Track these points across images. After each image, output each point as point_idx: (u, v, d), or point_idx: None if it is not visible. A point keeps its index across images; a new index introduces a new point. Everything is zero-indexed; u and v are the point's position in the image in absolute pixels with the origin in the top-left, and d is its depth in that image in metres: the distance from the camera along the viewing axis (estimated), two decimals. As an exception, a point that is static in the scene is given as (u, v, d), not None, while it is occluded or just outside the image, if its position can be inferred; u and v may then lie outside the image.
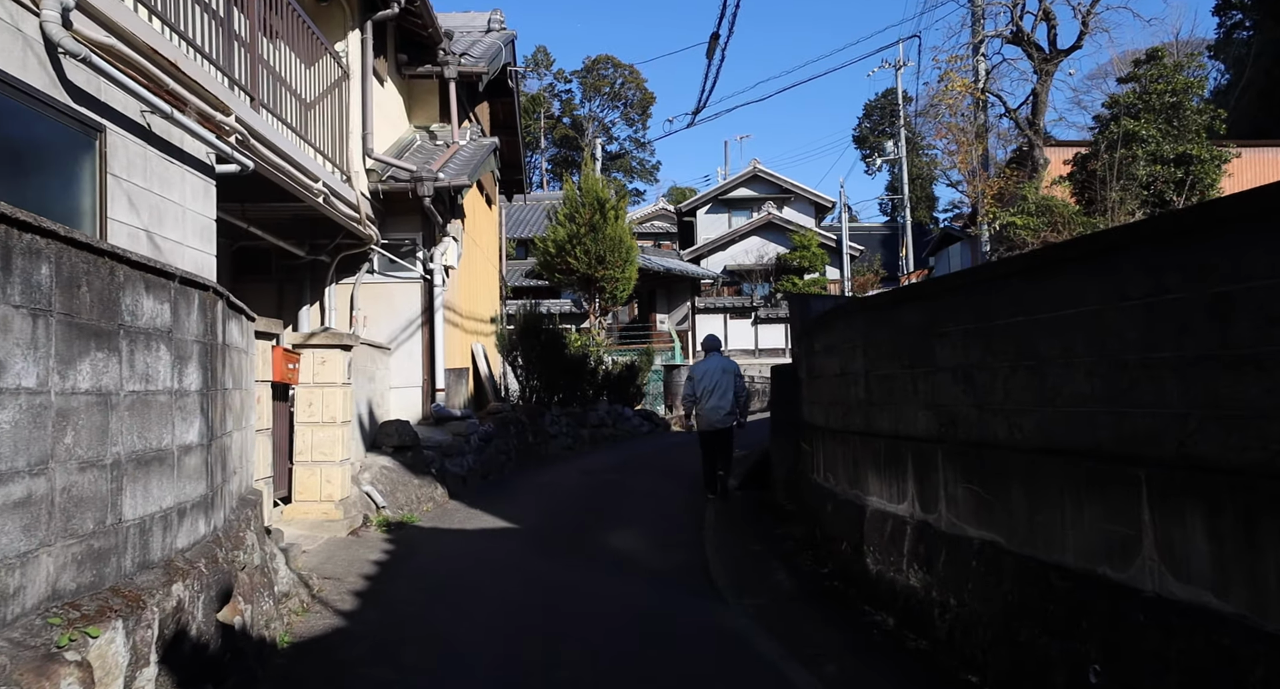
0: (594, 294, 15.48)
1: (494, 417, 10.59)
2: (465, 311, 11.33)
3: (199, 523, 3.00)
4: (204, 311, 3.11)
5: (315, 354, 6.42)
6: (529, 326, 12.26)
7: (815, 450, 6.90)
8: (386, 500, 7.02)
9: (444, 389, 9.09)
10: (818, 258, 32.92)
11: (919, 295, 4.64)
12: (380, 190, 8.40)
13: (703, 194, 40.69)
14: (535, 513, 7.65)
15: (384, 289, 9.01)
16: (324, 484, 6.35)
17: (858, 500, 5.39)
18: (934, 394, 4.33)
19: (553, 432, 11.89)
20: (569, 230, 15.01)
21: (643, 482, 9.61)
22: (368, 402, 7.78)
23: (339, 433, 6.44)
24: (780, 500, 8.56)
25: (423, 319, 9.02)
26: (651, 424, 15.01)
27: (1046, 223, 14.66)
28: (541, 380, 12.23)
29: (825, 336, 6.45)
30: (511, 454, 10.29)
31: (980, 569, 3.76)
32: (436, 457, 8.24)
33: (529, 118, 53.05)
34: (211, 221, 4.63)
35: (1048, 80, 15.75)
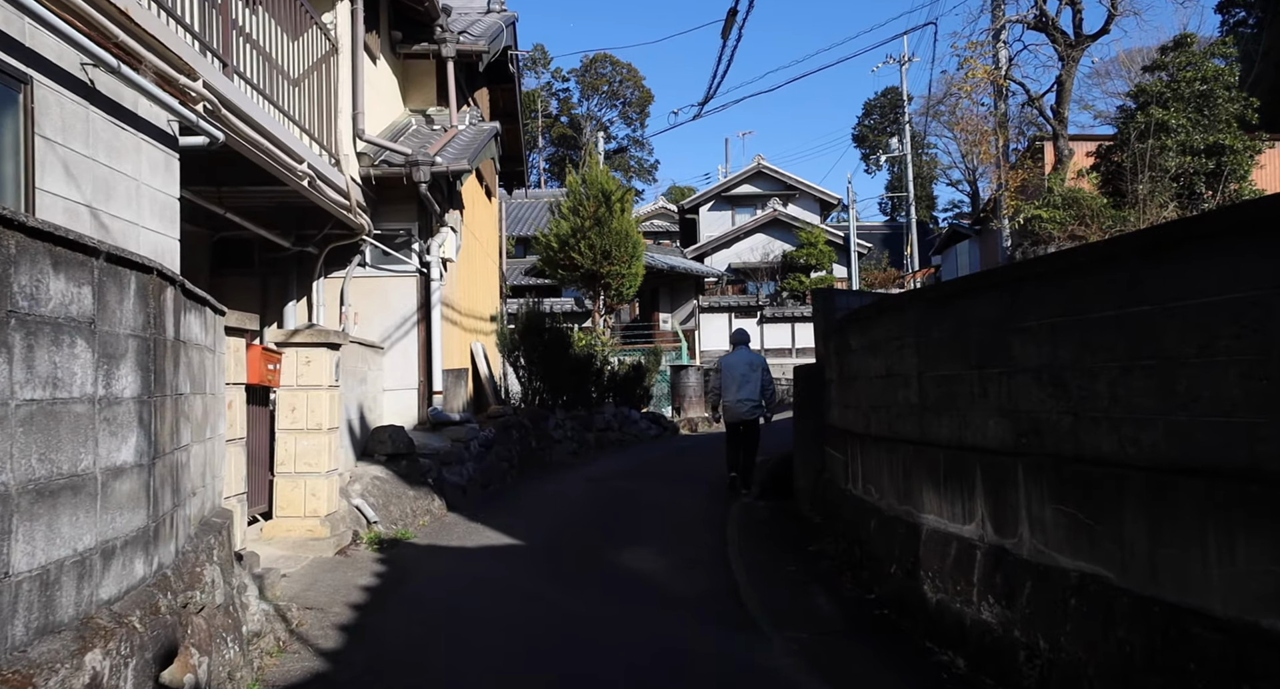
0: (599, 291, 14.91)
1: (495, 421, 10.01)
2: (464, 309, 10.75)
3: (135, 563, 2.41)
4: (145, 299, 2.53)
5: (299, 353, 5.84)
6: (531, 325, 11.70)
7: (850, 459, 6.32)
8: (379, 514, 6.44)
9: (441, 391, 8.52)
10: (825, 255, 32.35)
11: (991, 283, 4.06)
12: (372, 176, 7.82)
13: (705, 191, 40.16)
14: (542, 527, 7.07)
15: (377, 283, 8.44)
16: (308, 498, 5.77)
17: (909, 518, 4.82)
18: (1011, 399, 3.76)
19: (557, 436, 11.32)
20: (573, 224, 14.43)
21: (655, 491, 9.03)
22: (358, 405, 7.21)
23: (325, 441, 5.86)
24: (806, 512, 7.99)
25: (418, 316, 8.45)
26: (659, 427, 14.44)
27: (1074, 216, 14.09)
28: (545, 382, 11.66)
29: (864, 334, 5.88)
30: (514, 461, 9.71)
31: (1082, 609, 3.18)
32: (433, 465, 7.66)
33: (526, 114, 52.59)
34: (174, 200, 4.06)
35: (1073, 67, 15.17)
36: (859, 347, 6.05)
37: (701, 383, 16.98)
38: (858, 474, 6.09)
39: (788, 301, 32.60)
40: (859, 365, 6.06)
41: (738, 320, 31.38)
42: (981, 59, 15.33)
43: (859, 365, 6.06)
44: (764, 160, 39.87)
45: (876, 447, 5.53)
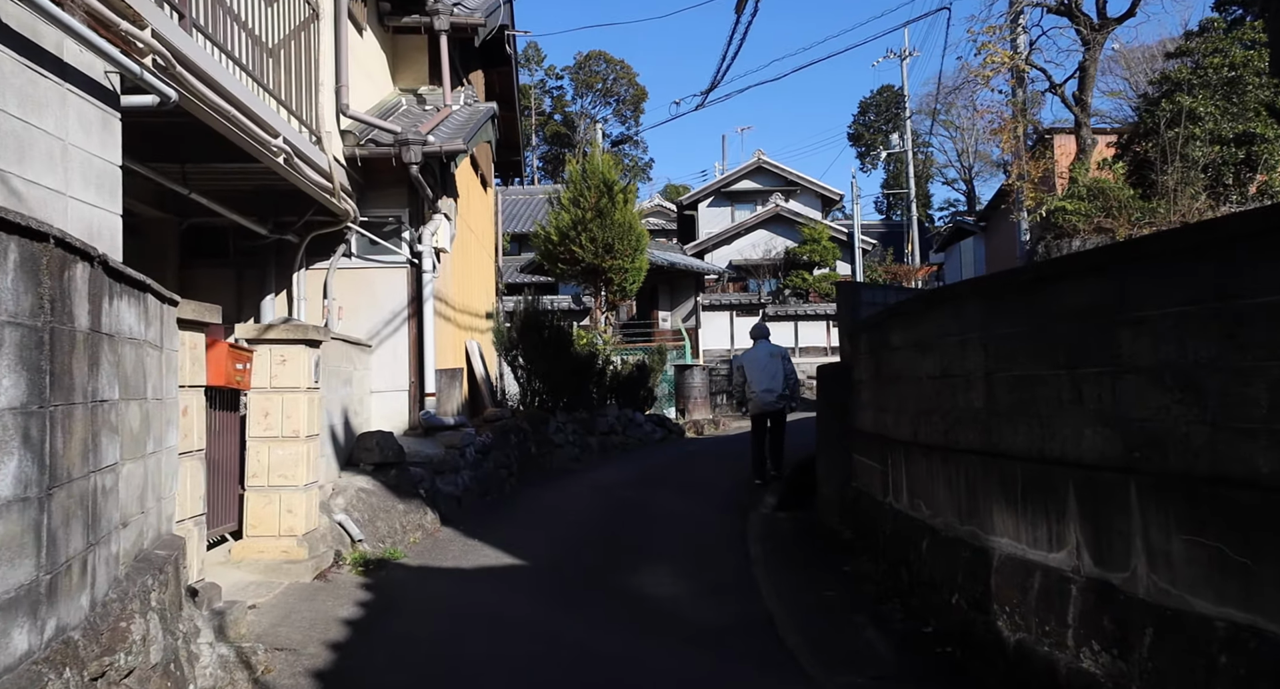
0: (600, 287, 14.28)
1: (492, 425, 9.39)
2: (459, 304, 10.13)
3: (14, 636, 1.78)
4: (34, 275, 1.90)
5: (273, 351, 5.22)
6: (531, 322, 11.08)
7: (891, 469, 5.72)
8: (364, 531, 5.82)
9: (434, 393, 7.89)
10: (828, 252, 31.76)
11: (1090, 266, 3.44)
12: (358, 156, 7.19)
13: (704, 186, 39.61)
14: (546, 544, 6.45)
15: (363, 275, 7.81)
16: (284, 515, 5.14)
17: (975, 540, 4.21)
18: (1118, 404, 3.16)
19: (558, 441, 10.70)
20: (573, 216, 13.80)
21: (666, 501, 8.42)
22: (342, 409, 6.58)
23: (303, 450, 5.23)
24: (833, 524, 7.39)
25: (409, 310, 7.82)
26: (664, 430, 13.83)
27: (1099, 207, 13.52)
28: (545, 382, 11.05)
29: (909, 330, 5.27)
30: (513, 468, 9.09)
31: (1238, 669, 2.58)
32: (426, 474, 7.04)
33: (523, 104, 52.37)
34: (113, 168, 3.43)
35: (1096, 52, 14.60)
36: (903, 344, 5.45)
37: (707, 383, 16.37)
38: (900, 486, 5.49)
39: (790, 299, 32.01)
40: (902, 365, 5.46)
41: (739, 319, 30.80)
42: (1000, 44, 14.72)
43: (902, 365, 5.46)
44: (764, 155, 39.35)
45: (927, 456, 4.92)
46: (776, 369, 8.75)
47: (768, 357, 8.82)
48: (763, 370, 8.72)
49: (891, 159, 54.86)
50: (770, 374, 8.72)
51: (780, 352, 8.95)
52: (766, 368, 8.72)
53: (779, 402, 8.79)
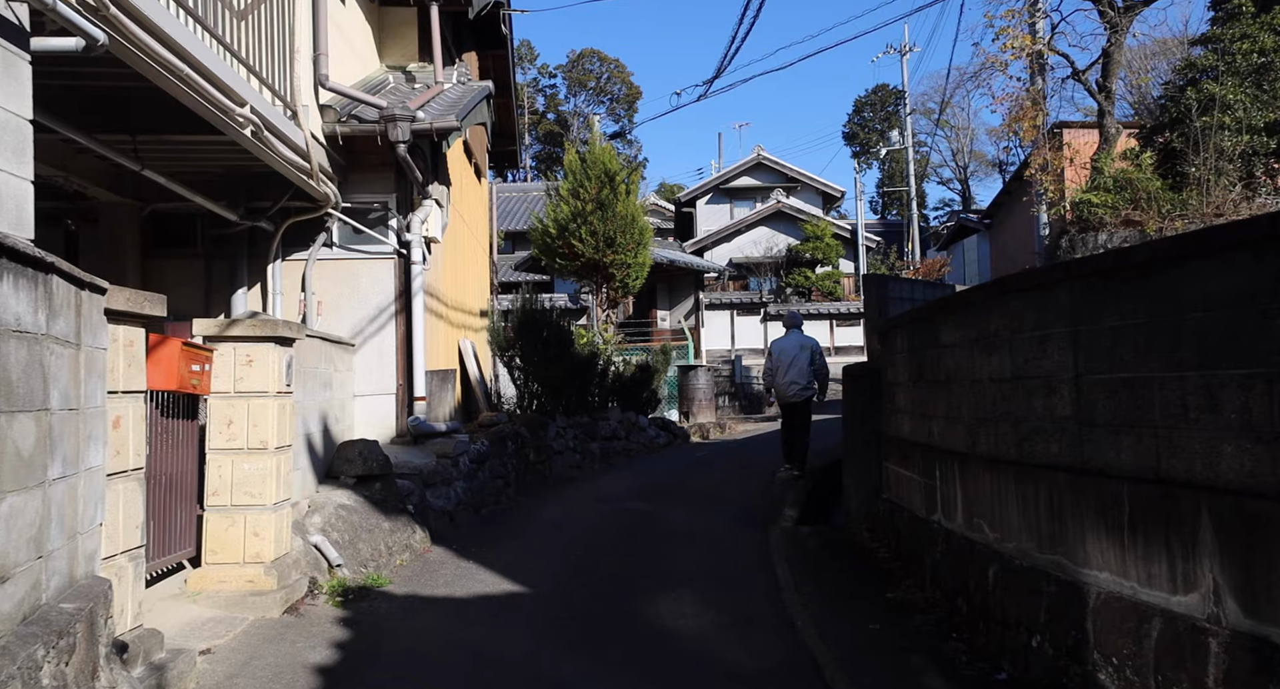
0: (601, 283, 13.64)
1: (487, 431, 8.74)
2: (451, 300, 9.48)
3: None
4: None
5: (237, 350, 4.57)
6: (529, 320, 10.43)
7: (942, 483, 5.10)
8: (344, 555, 5.17)
9: (425, 397, 7.24)
10: (832, 249, 31.17)
11: (1232, 243, 2.81)
12: (339, 133, 6.53)
13: (702, 183, 39.09)
14: (548, 565, 5.81)
15: (346, 267, 7.15)
16: (249, 538, 4.49)
17: (1062, 573, 3.59)
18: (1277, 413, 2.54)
19: (558, 447, 10.06)
20: (573, 208, 13.14)
21: (678, 514, 7.79)
22: (321, 415, 5.93)
23: (272, 464, 4.58)
24: (864, 541, 6.78)
25: (397, 306, 7.17)
26: (669, 435, 13.19)
27: (1127, 199, 12.94)
28: (544, 385, 10.40)
29: (966, 326, 4.65)
30: (510, 478, 8.45)
31: None
32: (415, 488, 6.39)
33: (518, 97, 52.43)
34: (21, 123, 2.79)
35: (1121, 36, 14.02)
36: (956, 341, 4.82)
37: (712, 385, 15.74)
38: (953, 503, 4.87)
39: (792, 298, 31.40)
40: (955, 365, 4.83)
41: (740, 318, 30.21)
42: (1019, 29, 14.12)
43: (955, 365, 4.83)
44: (764, 151, 38.85)
45: (992, 471, 4.30)
46: (804, 360, 8.77)
47: (797, 347, 8.85)
48: (791, 361, 8.80)
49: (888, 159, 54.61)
50: (797, 365, 8.77)
51: (810, 343, 8.94)
52: (795, 358, 8.78)
53: (804, 392, 8.84)
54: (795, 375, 8.81)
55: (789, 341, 9.04)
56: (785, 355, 8.88)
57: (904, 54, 44.49)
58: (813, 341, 9.08)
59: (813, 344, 9.01)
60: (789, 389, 8.84)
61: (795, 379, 8.82)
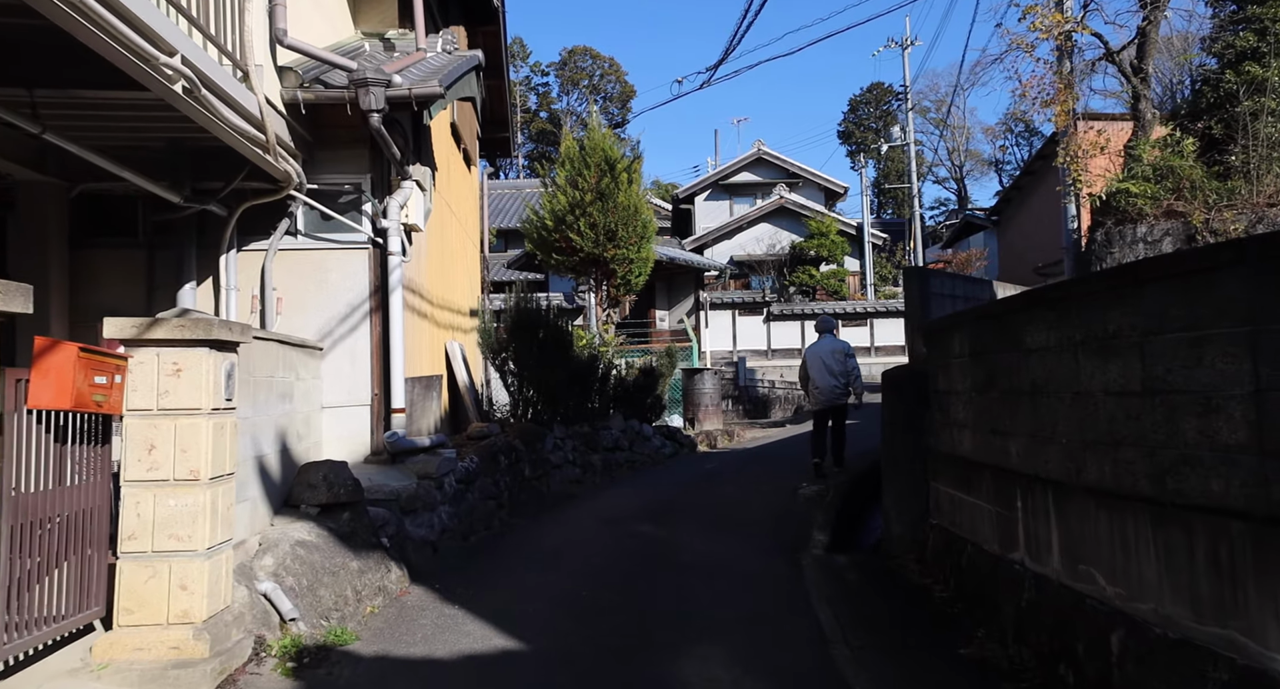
0: (601, 280, 12.75)
1: (477, 444, 7.87)
2: (437, 297, 8.61)
3: None
4: None
5: (161, 358, 3.69)
6: (523, 320, 9.56)
7: (1026, 517, 4.25)
8: (301, 604, 4.29)
9: (404, 408, 6.36)
10: (837, 246, 30.36)
11: None
12: (301, 101, 5.65)
13: (701, 179, 38.36)
14: (549, 610, 4.94)
15: (313, 259, 6.27)
16: (175, 593, 3.61)
17: (1241, 655, 2.73)
18: None
19: (556, 460, 9.19)
20: (570, 198, 12.24)
21: (694, 539, 6.93)
22: (278, 433, 5.05)
23: (205, 498, 3.71)
24: (911, 574, 5.93)
25: (372, 303, 6.29)
26: (675, 444, 12.33)
27: (1169, 189, 12.14)
28: (539, 391, 9.53)
29: (1064, 323, 3.80)
30: (503, 498, 7.58)
31: None
32: (391, 516, 5.51)
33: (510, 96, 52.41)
34: None
35: (1158, 14, 13.23)
36: (1049, 344, 3.97)
37: (719, 389, 14.88)
38: (1046, 543, 4.02)
39: (795, 297, 30.57)
40: (1046, 372, 3.99)
41: (742, 318, 29.40)
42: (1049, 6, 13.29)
43: (1046, 372, 3.99)
44: (764, 146, 38.15)
45: (1110, 508, 3.45)
46: (839, 364, 8.89)
47: (830, 352, 8.96)
48: (825, 365, 8.90)
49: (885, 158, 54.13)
50: (832, 369, 8.89)
51: (844, 347, 9.05)
52: (829, 363, 8.89)
53: (840, 396, 8.95)
54: (832, 379, 8.90)
55: (823, 346, 9.10)
56: (820, 360, 8.95)
57: (905, 48, 43.83)
58: (846, 346, 9.15)
59: (846, 348, 9.09)
60: (826, 393, 8.92)
61: (833, 383, 8.91)
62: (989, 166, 63.75)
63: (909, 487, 6.63)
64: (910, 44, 44.48)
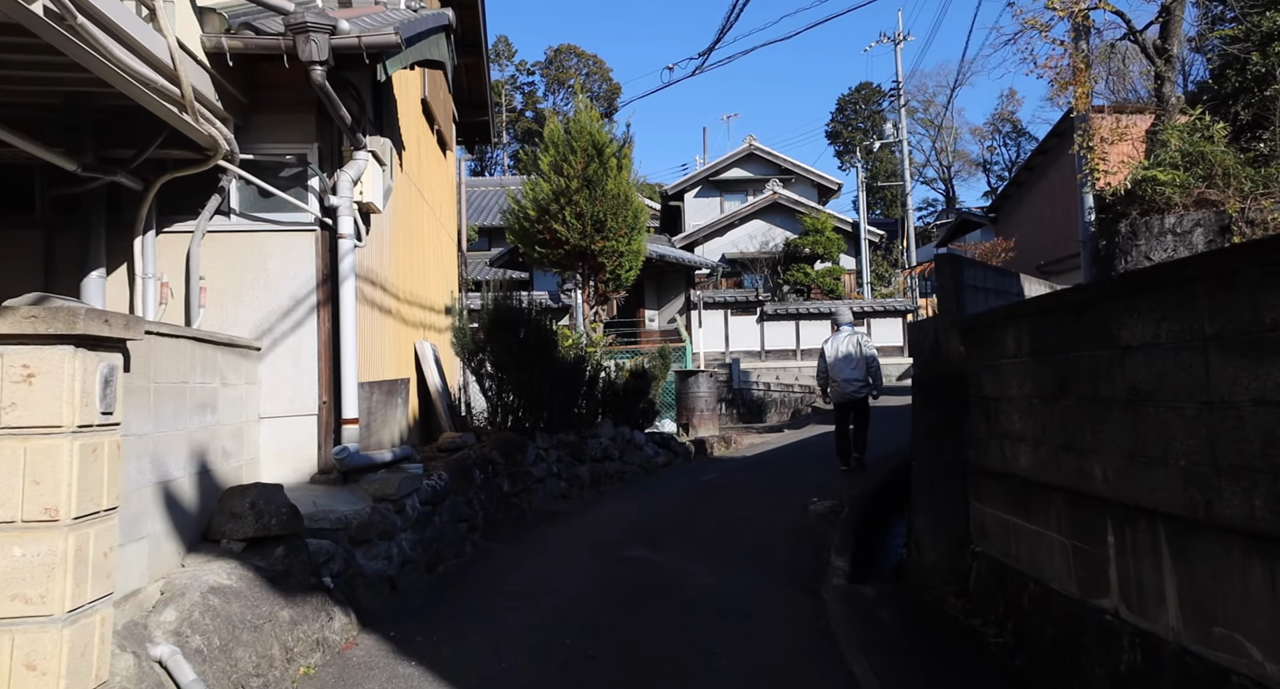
0: (588, 275, 11.88)
1: (449, 457, 7.00)
2: (404, 291, 7.73)
3: None
4: None
5: (5, 359, 2.81)
6: (503, 318, 8.69)
7: (1119, 554, 3.42)
8: (210, 670, 3.41)
9: (359, 418, 5.47)
10: (833, 243, 29.60)
11: None
12: (229, 49, 4.75)
13: (690, 175, 37.64)
14: (525, 666, 4.08)
15: (250, 243, 5.39)
16: (18, 676, 2.73)
17: None
18: None
19: (538, 473, 8.32)
20: (555, 186, 11.35)
21: (697, 567, 6.09)
22: (196, 452, 4.16)
23: (66, 543, 2.82)
24: (955, 610, 5.11)
25: (320, 295, 5.41)
26: (668, 453, 11.47)
27: (1199, 176, 11.42)
28: (521, 396, 8.67)
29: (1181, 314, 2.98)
30: (477, 520, 6.71)
31: None
32: (337, 549, 4.64)
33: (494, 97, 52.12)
34: None
35: (1184, -8, 12.53)
36: (1154, 340, 3.15)
37: (714, 392, 14.04)
38: (1158, 592, 3.18)
39: (789, 296, 29.80)
40: (1150, 377, 3.17)
41: (735, 318, 28.61)
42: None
43: (1150, 377, 3.17)
44: (756, 141, 37.48)
45: (1269, 557, 2.62)
46: (859, 357, 8.99)
47: (850, 345, 9.06)
48: (845, 359, 9.00)
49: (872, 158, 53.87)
50: (853, 363, 8.98)
51: (863, 340, 9.17)
52: (849, 356, 8.99)
53: (861, 390, 9.03)
54: (852, 373, 8.98)
55: (841, 340, 9.17)
56: (840, 354, 9.01)
57: (898, 43, 43.30)
58: (865, 338, 9.24)
59: (865, 340, 9.19)
60: (847, 387, 8.98)
61: (853, 377, 8.98)
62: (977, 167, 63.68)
63: (945, 507, 5.82)
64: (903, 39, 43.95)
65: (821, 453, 11.82)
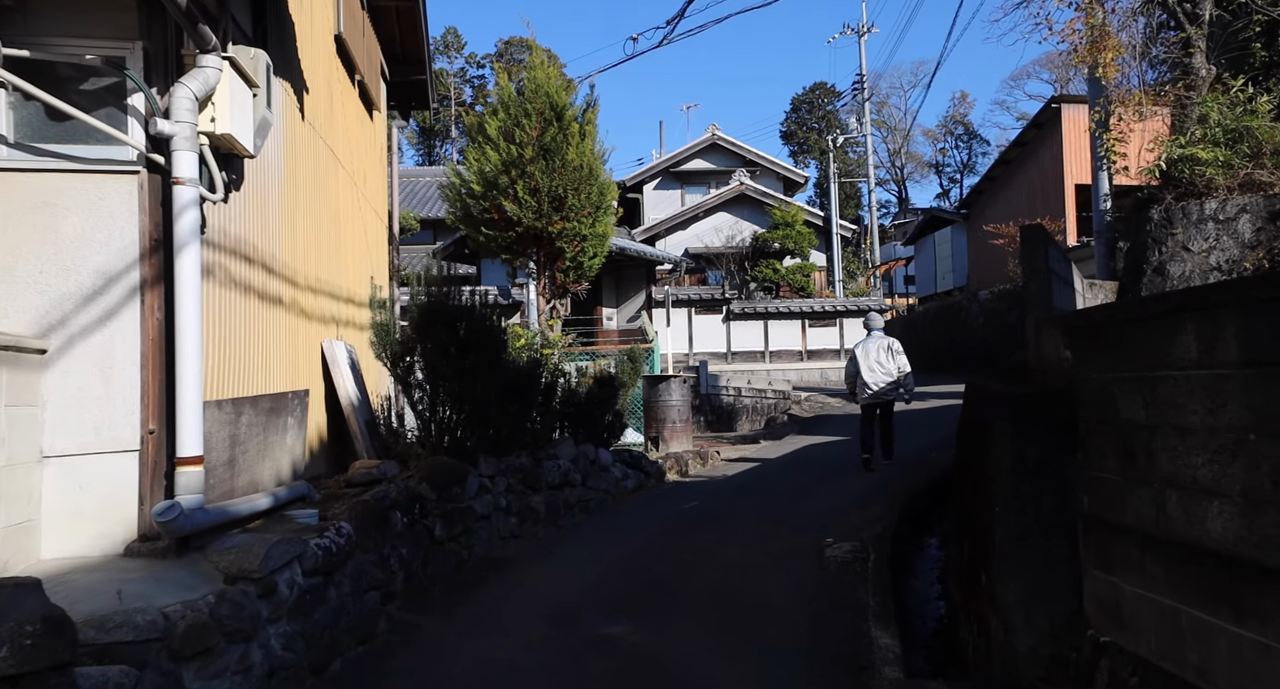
0: (545, 263, 10.17)
1: (359, 494, 5.28)
2: (305, 275, 5.98)
3: None
4: None
5: None
6: (437, 314, 6.96)
7: None
8: None
9: (202, 456, 3.72)
10: (804, 238, 28.22)
11: None
12: None
13: (650, 166, 36.08)
14: None
15: (29, 188, 3.61)
16: None
17: None
18: None
19: (481, 510, 6.62)
20: (505, 155, 9.59)
21: (694, 651, 4.46)
22: None
23: None
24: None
25: (146, 271, 3.65)
26: (639, 473, 9.84)
27: (1247, 153, 10.19)
28: (461, 410, 6.96)
29: None
30: (395, 583, 5.00)
31: None
32: (144, 677, 2.90)
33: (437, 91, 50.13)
34: None
35: (1217, -50, 11.33)
36: None
37: (687, 400, 12.44)
38: None
39: (757, 293, 28.37)
40: None
41: (699, 316, 27.10)
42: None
43: None
44: (719, 130, 36.10)
45: None
46: (889, 360, 9.44)
47: (880, 348, 9.46)
48: (877, 361, 9.43)
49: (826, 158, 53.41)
50: (885, 366, 9.42)
51: (894, 344, 9.56)
52: (880, 359, 9.43)
53: (892, 392, 9.47)
54: (884, 376, 9.39)
55: (872, 343, 9.54)
56: (872, 358, 9.43)
57: (862, 34, 42.42)
58: (895, 343, 9.57)
59: (895, 344, 9.53)
60: (878, 389, 9.38)
61: (884, 380, 9.40)
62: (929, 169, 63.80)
63: (1045, 573, 4.26)
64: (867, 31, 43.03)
65: (815, 472, 10.31)
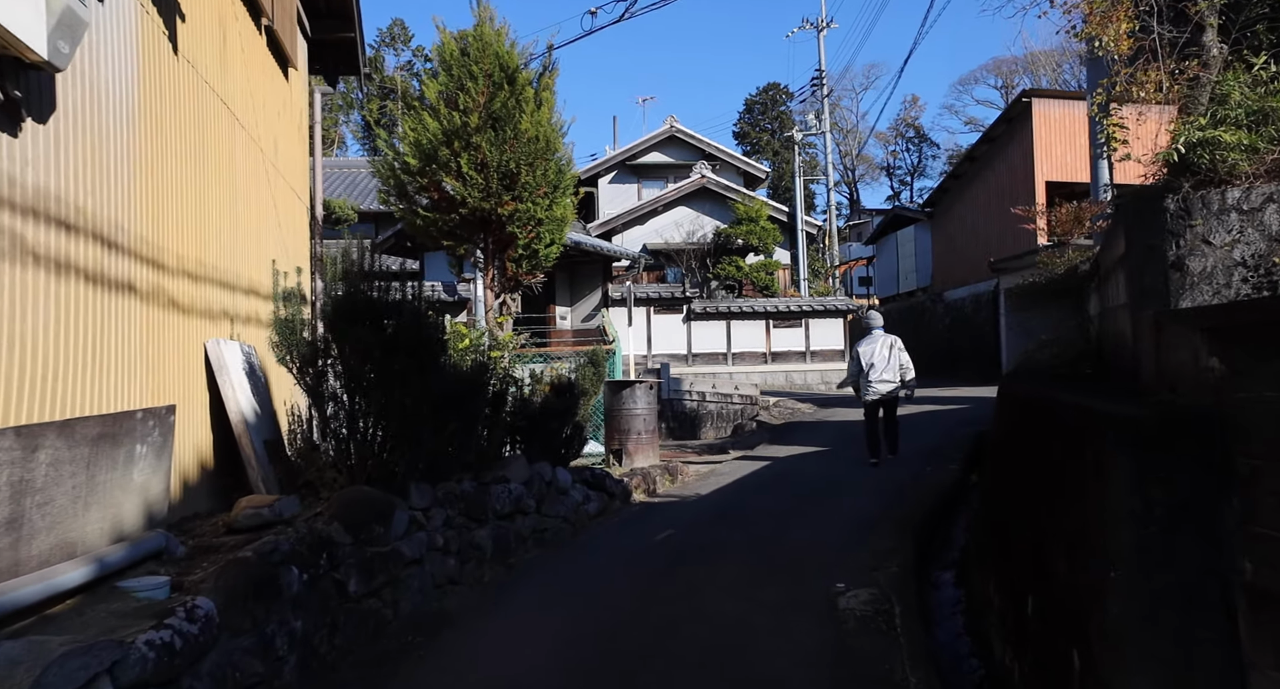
0: (494, 251, 8.85)
1: (233, 555, 3.96)
2: (175, 255, 4.62)
3: None
4: None
5: None
6: (356, 306, 5.66)
7: None
8: None
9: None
10: (768, 234, 27.23)
11: None
12: None
13: (605, 158, 34.81)
14: None
15: None
16: None
17: None
18: None
19: (411, 553, 5.32)
20: (447, 123, 8.25)
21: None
22: None
23: None
24: None
25: None
26: (603, 496, 8.60)
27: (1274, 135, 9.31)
28: (389, 425, 5.66)
29: None
30: (283, 672, 3.69)
31: None
32: None
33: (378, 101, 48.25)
34: None
35: (1233, -82, 10.48)
36: None
37: (653, 408, 11.23)
38: None
39: (719, 292, 27.33)
40: None
41: (658, 316, 25.96)
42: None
43: None
44: (677, 122, 35.03)
45: None
46: (894, 358, 9.65)
47: (884, 346, 9.70)
48: (882, 359, 9.64)
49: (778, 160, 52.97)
50: (890, 364, 9.63)
51: (897, 343, 9.79)
52: (885, 357, 9.65)
53: (895, 390, 9.68)
54: (888, 375, 9.65)
55: (875, 342, 9.76)
56: (877, 356, 9.67)
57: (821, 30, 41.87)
58: (898, 341, 9.85)
59: (898, 343, 9.80)
60: (883, 387, 9.64)
61: (888, 378, 9.66)
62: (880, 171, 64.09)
63: (1184, 669, 3.15)
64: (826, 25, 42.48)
65: (799, 489, 9.21)
